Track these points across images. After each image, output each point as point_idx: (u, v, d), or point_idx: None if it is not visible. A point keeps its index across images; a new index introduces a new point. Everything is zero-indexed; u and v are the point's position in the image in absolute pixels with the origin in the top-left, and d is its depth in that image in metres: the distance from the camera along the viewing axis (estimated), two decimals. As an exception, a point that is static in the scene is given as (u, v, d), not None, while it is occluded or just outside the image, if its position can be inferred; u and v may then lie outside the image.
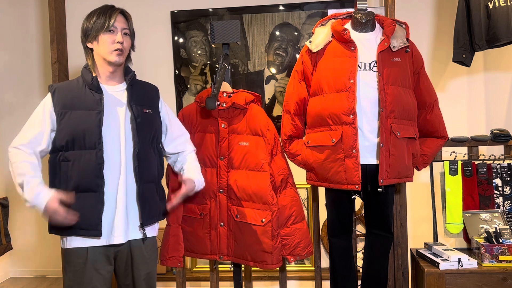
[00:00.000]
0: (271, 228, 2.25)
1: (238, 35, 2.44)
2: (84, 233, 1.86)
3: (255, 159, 2.29)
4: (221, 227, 2.31)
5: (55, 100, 1.91)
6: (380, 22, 2.31)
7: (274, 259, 2.26)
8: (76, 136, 1.85)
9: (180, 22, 3.66)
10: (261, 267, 2.28)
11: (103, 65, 1.95)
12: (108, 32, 1.91)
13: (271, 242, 2.25)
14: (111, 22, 1.90)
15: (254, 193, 2.27)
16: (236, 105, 2.31)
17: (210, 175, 2.33)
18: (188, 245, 2.37)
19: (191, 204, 2.36)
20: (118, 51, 1.92)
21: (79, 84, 1.94)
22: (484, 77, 3.44)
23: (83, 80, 1.95)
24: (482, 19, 2.88)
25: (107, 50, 1.91)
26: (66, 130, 1.87)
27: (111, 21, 1.90)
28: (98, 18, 1.91)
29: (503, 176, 2.56)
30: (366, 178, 2.19)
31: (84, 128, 1.86)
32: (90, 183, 1.85)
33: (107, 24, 1.90)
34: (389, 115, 2.16)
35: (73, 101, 1.90)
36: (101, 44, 1.91)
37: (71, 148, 1.87)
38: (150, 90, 2.12)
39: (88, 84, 1.92)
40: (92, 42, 1.93)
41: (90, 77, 1.93)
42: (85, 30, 1.94)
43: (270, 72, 3.60)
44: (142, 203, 1.94)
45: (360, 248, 2.98)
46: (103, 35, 1.90)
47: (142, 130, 1.96)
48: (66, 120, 1.87)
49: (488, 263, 2.34)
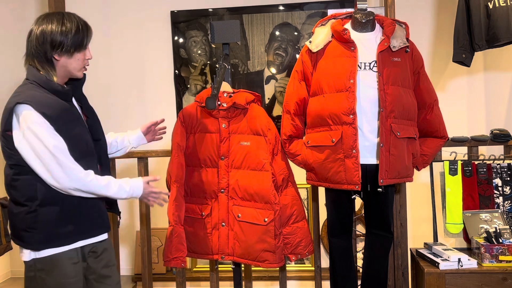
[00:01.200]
0: (274, 228, 2.26)
1: (238, 35, 2.44)
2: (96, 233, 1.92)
3: (256, 159, 2.29)
4: (222, 227, 2.31)
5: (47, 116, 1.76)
6: (380, 22, 2.31)
7: (277, 258, 2.27)
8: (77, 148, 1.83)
9: (180, 22, 3.66)
10: (263, 266, 2.28)
11: (63, 77, 1.88)
12: (84, 50, 1.87)
13: (274, 241, 2.25)
14: (88, 40, 1.88)
15: (256, 192, 2.27)
16: (236, 105, 2.32)
17: (211, 175, 2.33)
18: (190, 246, 2.37)
19: (192, 204, 2.37)
20: (85, 68, 1.92)
21: (47, 95, 1.81)
22: (484, 77, 3.44)
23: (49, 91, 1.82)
24: (482, 19, 2.88)
25: (78, 67, 1.87)
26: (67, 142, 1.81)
27: (88, 39, 1.88)
28: (77, 33, 1.83)
29: (503, 176, 2.56)
30: (366, 178, 2.19)
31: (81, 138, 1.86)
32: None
33: (85, 43, 1.86)
34: (389, 115, 2.16)
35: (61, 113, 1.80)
36: (74, 61, 1.86)
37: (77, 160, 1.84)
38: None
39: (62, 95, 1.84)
40: (62, 56, 1.83)
41: (65, 88, 1.86)
42: (59, 43, 1.81)
43: (270, 72, 3.60)
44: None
45: (360, 248, 2.98)
46: (78, 53, 1.85)
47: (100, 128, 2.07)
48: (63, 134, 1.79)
49: (488, 263, 2.34)
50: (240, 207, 2.31)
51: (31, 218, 1.79)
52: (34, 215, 1.78)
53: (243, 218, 2.29)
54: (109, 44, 3.71)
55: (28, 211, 1.79)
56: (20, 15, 3.77)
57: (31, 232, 1.79)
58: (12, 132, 1.77)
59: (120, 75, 3.73)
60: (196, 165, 2.37)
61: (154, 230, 3.23)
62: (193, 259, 3.60)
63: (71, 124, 1.84)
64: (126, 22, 3.73)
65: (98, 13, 3.74)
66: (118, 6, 3.75)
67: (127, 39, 3.73)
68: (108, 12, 3.74)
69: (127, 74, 3.71)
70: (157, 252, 3.58)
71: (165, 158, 2.53)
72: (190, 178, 2.38)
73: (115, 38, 3.73)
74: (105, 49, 3.70)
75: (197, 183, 2.36)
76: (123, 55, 3.73)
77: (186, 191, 2.39)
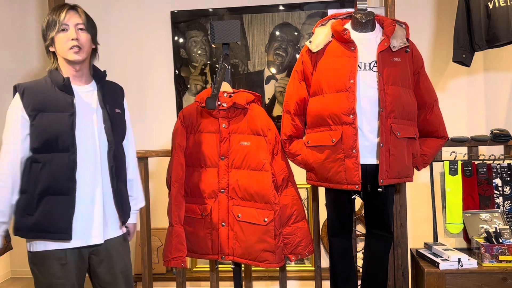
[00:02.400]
0: (274, 228, 2.26)
1: (238, 35, 2.44)
2: (52, 237, 1.83)
3: (256, 159, 2.29)
4: (222, 227, 2.31)
5: (24, 101, 1.84)
6: (380, 22, 2.31)
7: (277, 258, 2.27)
8: (48, 139, 1.82)
9: (180, 22, 3.66)
10: (263, 266, 2.28)
11: (66, 66, 1.91)
12: (62, 31, 1.87)
13: (274, 242, 2.26)
14: (61, 20, 1.86)
15: (256, 192, 2.28)
16: (237, 105, 2.32)
17: (211, 175, 2.33)
18: (190, 246, 2.37)
19: (192, 204, 2.37)
20: (75, 48, 1.87)
21: (48, 85, 1.88)
22: (484, 77, 3.44)
23: (52, 81, 1.89)
24: (482, 19, 2.88)
25: (64, 49, 1.87)
26: (37, 133, 1.82)
27: (61, 19, 1.86)
28: (48, 20, 1.88)
29: (503, 176, 2.56)
30: (366, 178, 2.19)
31: (56, 131, 1.82)
32: (62, 186, 1.82)
33: (58, 24, 1.86)
34: (389, 115, 2.16)
35: (45, 102, 1.85)
36: (57, 44, 1.88)
37: (42, 150, 1.83)
38: (117, 90, 2.10)
39: (59, 85, 1.87)
40: (51, 45, 1.90)
41: (61, 78, 1.88)
42: (43, 34, 1.91)
43: (270, 72, 3.60)
44: (120, 202, 1.96)
45: (360, 248, 2.98)
46: (57, 35, 1.87)
47: (115, 130, 1.97)
48: (37, 122, 1.82)
49: (488, 263, 2.34)
50: (240, 207, 2.31)
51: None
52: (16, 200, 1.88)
53: (243, 218, 2.29)
54: (109, 44, 3.71)
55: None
56: (20, 15, 3.77)
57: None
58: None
59: (120, 75, 3.71)
60: (196, 165, 2.37)
61: (154, 230, 3.23)
62: (193, 259, 3.60)
63: (49, 114, 1.84)
64: (126, 22, 3.73)
65: (98, 13, 3.73)
66: (118, 6, 3.75)
67: (127, 39, 3.74)
68: (108, 12, 3.74)
69: (127, 74, 3.71)
70: (157, 252, 3.59)
71: (165, 158, 2.53)
72: (190, 178, 2.37)
73: (115, 38, 3.73)
74: (105, 49, 3.68)
75: (197, 183, 2.36)
76: (123, 55, 3.73)
77: (186, 191, 2.38)
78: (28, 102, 1.84)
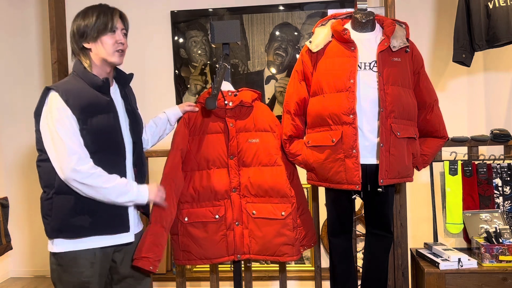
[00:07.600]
0: (292, 220, 2.29)
1: (238, 35, 2.44)
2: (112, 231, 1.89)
3: (268, 155, 2.32)
4: (236, 227, 2.31)
5: (70, 104, 1.79)
6: (380, 22, 2.32)
7: (295, 250, 2.29)
8: (101, 141, 1.84)
9: (180, 22, 3.66)
10: (282, 260, 2.30)
11: (101, 67, 1.92)
12: (111, 33, 1.90)
13: (292, 234, 2.28)
14: (114, 23, 1.90)
15: (271, 188, 2.29)
16: (243, 103, 2.33)
17: (221, 176, 2.32)
18: (202, 252, 2.31)
19: (201, 208, 2.32)
20: (120, 51, 1.93)
21: (84, 86, 1.86)
22: (484, 77, 3.44)
23: (86, 82, 1.87)
24: (482, 19, 2.88)
25: (110, 51, 1.89)
26: (90, 136, 1.81)
27: (114, 22, 1.90)
28: (98, 18, 1.88)
29: (503, 176, 2.56)
30: (366, 178, 2.19)
31: (108, 133, 1.86)
32: None
33: (110, 25, 1.89)
34: (389, 115, 2.16)
35: (90, 105, 1.82)
36: (104, 45, 1.89)
37: (96, 152, 1.83)
38: (131, 89, 2.16)
39: (96, 86, 1.87)
40: (90, 42, 1.89)
41: (99, 79, 1.88)
42: (82, 30, 1.88)
43: (270, 72, 3.60)
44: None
45: (360, 248, 2.98)
46: (105, 36, 1.88)
47: (140, 130, 2.07)
48: (89, 126, 1.81)
49: (488, 263, 2.34)
50: (254, 204, 2.31)
51: (48, 205, 1.83)
52: (50, 202, 1.82)
53: (259, 215, 2.29)
54: (109, 44, 3.72)
55: (46, 197, 1.84)
56: (20, 15, 3.77)
57: (47, 219, 1.84)
58: (41, 116, 1.84)
59: (120, 75, 3.73)
60: (203, 168, 2.33)
61: (154, 230, 3.22)
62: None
63: (98, 116, 1.85)
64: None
65: (98, 13, 3.74)
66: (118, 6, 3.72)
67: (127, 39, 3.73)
68: (108, 12, 3.74)
69: (127, 74, 3.71)
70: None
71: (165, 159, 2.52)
72: (198, 181, 2.32)
73: (115, 38, 3.72)
74: (105, 49, 3.69)
75: (207, 185, 2.31)
76: (123, 55, 3.73)
77: (193, 196, 2.33)
78: (74, 105, 1.80)
